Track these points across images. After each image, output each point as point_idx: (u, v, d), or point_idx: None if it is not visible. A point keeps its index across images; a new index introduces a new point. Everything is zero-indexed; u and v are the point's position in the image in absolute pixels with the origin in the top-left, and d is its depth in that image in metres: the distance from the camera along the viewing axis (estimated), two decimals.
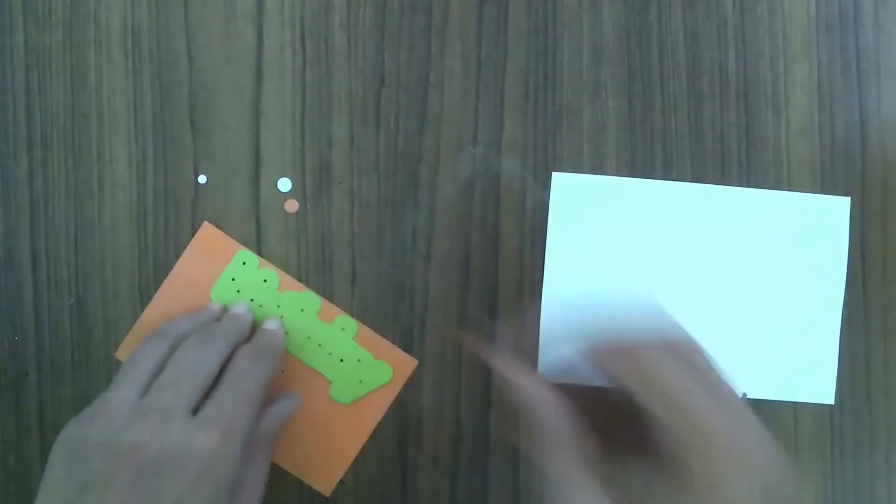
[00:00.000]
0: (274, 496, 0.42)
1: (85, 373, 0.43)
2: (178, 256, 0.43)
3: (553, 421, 0.33)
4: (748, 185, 0.43)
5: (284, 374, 0.43)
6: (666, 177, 0.43)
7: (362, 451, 0.43)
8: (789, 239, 0.43)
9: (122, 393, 0.36)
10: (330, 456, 0.43)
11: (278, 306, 0.43)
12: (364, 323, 0.43)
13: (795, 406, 0.43)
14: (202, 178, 0.43)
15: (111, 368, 0.43)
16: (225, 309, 0.43)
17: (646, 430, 0.31)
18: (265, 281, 0.43)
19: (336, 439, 0.43)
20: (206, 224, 0.43)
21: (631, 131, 0.43)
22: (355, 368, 0.43)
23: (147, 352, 0.38)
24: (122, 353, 0.43)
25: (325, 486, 0.43)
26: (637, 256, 0.43)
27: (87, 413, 0.36)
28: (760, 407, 0.43)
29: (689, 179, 0.43)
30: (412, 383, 0.43)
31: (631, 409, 0.32)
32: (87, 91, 0.43)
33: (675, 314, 0.42)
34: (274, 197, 0.43)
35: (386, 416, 0.43)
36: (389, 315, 0.43)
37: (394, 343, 0.43)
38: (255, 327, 0.42)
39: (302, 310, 0.43)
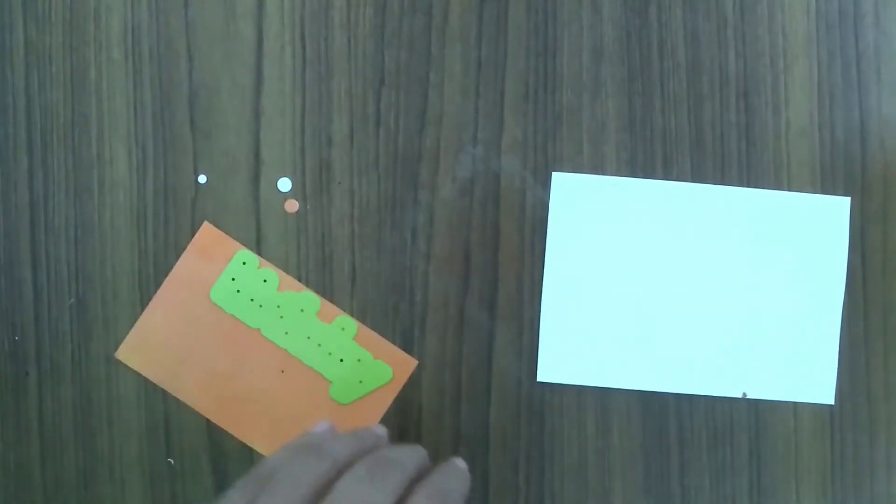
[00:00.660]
0: None
1: (85, 373, 0.43)
2: (178, 256, 0.43)
3: None
4: (748, 185, 0.43)
5: (284, 375, 0.43)
6: (666, 177, 0.43)
7: None
8: (789, 239, 0.43)
9: None
10: None
11: (278, 306, 0.43)
12: (364, 323, 0.43)
13: (795, 406, 0.43)
14: (202, 178, 0.43)
15: (111, 368, 0.43)
16: (387, 436, 0.37)
17: None
18: (265, 281, 0.43)
19: None
20: (206, 224, 0.43)
21: (631, 131, 0.43)
22: (355, 368, 0.43)
23: (302, 470, 0.31)
24: (122, 354, 0.43)
25: None
26: (637, 256, 0.43)
27: None
28: (760, 407, 0.43)
29: (689, 179, 0.43)
30: (412, 383, 0.43)
31: None
32: (87, 91, 0.43)
33: (675, 314, 0.43)
34: (274, 197, 0.43)
35: (386, 416, 0.43)
36: (389, 315, 0.43)
37: (394, 343, 0.43)
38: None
39: (302, 310, 0.43)
